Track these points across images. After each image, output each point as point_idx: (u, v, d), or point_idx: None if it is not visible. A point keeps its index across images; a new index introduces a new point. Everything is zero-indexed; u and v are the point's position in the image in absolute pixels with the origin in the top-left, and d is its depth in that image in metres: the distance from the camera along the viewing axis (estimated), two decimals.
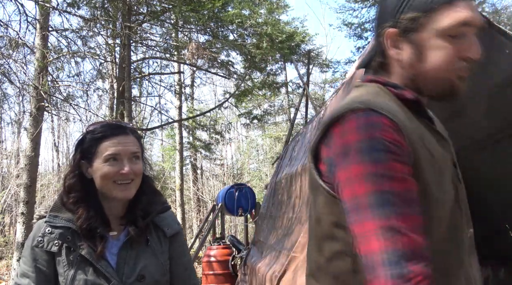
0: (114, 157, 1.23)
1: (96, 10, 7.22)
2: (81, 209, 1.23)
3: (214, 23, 7.92)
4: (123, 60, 7.70)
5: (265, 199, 4.87)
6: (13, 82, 6.86)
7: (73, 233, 1.21)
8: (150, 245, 1.29)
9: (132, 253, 1.26)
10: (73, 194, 1.25)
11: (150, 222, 1.32)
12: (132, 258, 1.25)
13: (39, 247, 1.19)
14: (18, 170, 12.25)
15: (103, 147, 1.24)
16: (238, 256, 6.00)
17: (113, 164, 1.23)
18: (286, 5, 10.98)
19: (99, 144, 1.25)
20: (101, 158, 1.23)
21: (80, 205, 1.23)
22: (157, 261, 1.30)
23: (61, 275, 1.19)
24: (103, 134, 1.26)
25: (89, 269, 1.19)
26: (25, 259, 1.20)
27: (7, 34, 6.26)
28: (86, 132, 1.31)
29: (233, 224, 15.63)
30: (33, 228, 1.24)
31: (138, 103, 13.05)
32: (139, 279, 1.24)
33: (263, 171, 17.79)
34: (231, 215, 7.61)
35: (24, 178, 6.04)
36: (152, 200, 1.34)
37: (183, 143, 13.37)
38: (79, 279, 1.18)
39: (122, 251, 1.25)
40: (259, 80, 10.36)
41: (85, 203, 1.24)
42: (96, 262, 1.19)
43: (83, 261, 1.19)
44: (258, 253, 3.96)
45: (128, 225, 1.28)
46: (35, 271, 1.18)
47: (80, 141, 1.30)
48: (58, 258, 1.19)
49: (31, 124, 6.16)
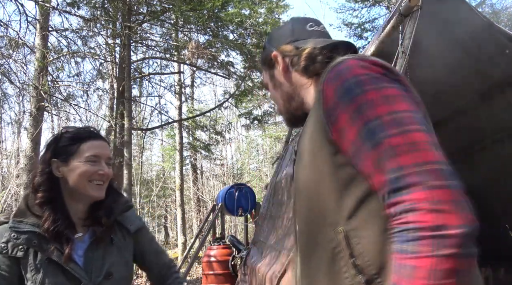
0: (95, 158, 1.29)
1: (96, 10, 7.22)
2: (48, 211, 1.24)
3: (214, 23, 7.93)
4: (123, 60, 7.70)
5: (265, 199, 4.87)
6: (13, 82, 6.87)
7: (39, 237, 1.21)
8: (114, 243, 1.35)
9: (98, 253, 1.30)
10: (40, 194, 1.26)
11: (114, 221, 1.37)
12: (99, 257, 1.29)
13: (3, 253, 1.18)
14: (18, 170, 12.25)
15: (85, 147, 1.29)
16: (238, 256, 6.00)
17: (93, 164, 1.29)
18: (286, 5, 10.96)
19: (81, 144, 1.30)
20: (81, 158, 1.28)
21: (47, 207, 1.24)
22: (123, 258, 1.35)
23: (28, 279, 1.18)
24: (86, 135, 1.32)
25: (57, 272, 1.20)
26: None
27: (7, 34, 6.27)
28: (63, 132, 1.34)
29: (233, 224, 15.63)
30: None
31: (138, 103, 13.06)
32: (107, 277, 1.28)
33: (263, 171, 17.78)
34: (231, 215, 7.61)
35: (24, 178, 6.04)
36: (115, 200, 1.39)
37: (183, 143, 13.38)
38: (48, 283, 1.18)
39: (88, 251, 1.29)
40: (259, 80, 10.36)
41: (52, 204, 1.25)
42: (65, 264, 1.21)
43: (51, 264, 1.20)
44: (258, 253, 3.96)
45: (92, 226, 1.32)
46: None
47: (54, 140, 1.33)
48: (24, 263, 1.19)
49: (31, 124, 6.17)
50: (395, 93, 0.75)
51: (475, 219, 0.64)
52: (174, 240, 16.56)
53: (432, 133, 0.73)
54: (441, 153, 0.70)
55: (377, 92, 0.75)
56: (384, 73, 0.79)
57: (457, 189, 0.65)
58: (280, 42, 1.06)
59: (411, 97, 0.78)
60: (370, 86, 0.76)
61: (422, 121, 0.74)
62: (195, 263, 9.03)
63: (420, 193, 0.65)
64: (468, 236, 0.62)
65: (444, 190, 0.64)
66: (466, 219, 0.63)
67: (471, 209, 0.65)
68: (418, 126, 0.71)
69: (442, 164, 0.68)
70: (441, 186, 0.65)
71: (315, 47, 0.99)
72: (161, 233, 18.81)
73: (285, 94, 1.04)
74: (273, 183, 4.48)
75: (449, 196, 0.64)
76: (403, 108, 0.73)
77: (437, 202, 0.63)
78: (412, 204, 0.65)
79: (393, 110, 0.73)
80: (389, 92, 0.75)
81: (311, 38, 1.02)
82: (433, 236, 0.62)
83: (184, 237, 11.69)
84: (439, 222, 0.62)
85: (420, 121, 0.73)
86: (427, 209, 0.63)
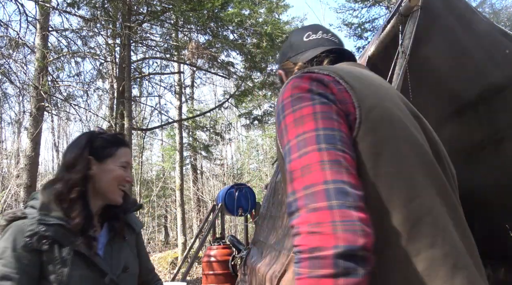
0: (126, 164, 1.37)
1: (96, 10, 7.22)
2: (80, 207, 1.26)
3: (214, 23, 7.92)
4: (123, 60, 7.70)
5: (265, 199, 4.87)
6: (13, 82, 6.86)
7: (65, 230, 1.22)
8: (126, 240, 1.42)
9: (115, 247, 1.36)
10: (76, 190, 1.27)
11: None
12: (116, 251, 1.35)
13: (27, 247, 1.17)
14: (18, 170, 12.24)
15: (121, 153, 1.36)
16: (238, 256, 6.00)
17: (124, 170, 1.36)
18: (286, 5, 10.96)
19: (118, 148, 1.36)
20: (117, 162, 1.34)
21: (79, 203, 1.27)
22: (133, 254, 1.44)
23: (53, 272, 1.18)
24: (122, 141, 1.40)
25: (83, 265, 1.22)
26: (5, 262, 1.16)
27: (7, 34, 6.26)
28: (98, 133, 1.39)
29: (233, 224, 15.62)
30: (7, 230, 1.21)
31: (138, 103, 13.06)
32: (124, 270, 1.34)
33: (263, 171, 17.78)
34: (231, 215, 7.61)
35: (24, 178, 6.04)
36: (125, 200, 1.44)
37: (183, 143, 13.37)
38: (75, 275, 1.19)
39: (107, 246, 1.34)
40: (259, 80, 10.36)
41: (83, 200, 1.28)
42: (92, 256, 1.24)
43: (76, 257, 1.22)
44: (258, 253, 3.96)
45: (108, 221, 1.38)
46: (19, 273, 1.16)
47: (89, 139, 1.35)
48: (48, 257, 1.19)
49: (31, 124, 6.16)
50: (308, 112, 0.77)
51: (358, 239, 0.63)
52: (174, 240, 16.56)
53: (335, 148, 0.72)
54: (336, 170, 0.69)
55: (292, 116, 0.78)
56: (309, 89, 0.80)
57: (340, 208, 0.65)
58: (283, 59, 1.11)
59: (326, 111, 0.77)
60: (288, 110, 0.79)
61: (326, 137, 0.73)
62: (195, 263, 9.03)
63: (302, 217, 0.66)
64: (344, 256, 0.62)
65: (323, 211, 0.65)
66: (342, 240, 0.62)
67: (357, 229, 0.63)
68: (315, 146, 0.72)
69: (331, 183, 0.67)
70: (320, 208, 0.65)
71: (303, 62, 1.03)
72: (161, 233, 18.79)
73: None
74: (273, 183, 4.48)
75: (327, 217, 0.64)
76: (308, 128, 0.74)
77: (314, 224, 0.64)
78: (297, 228, 0.67)
79: (299, 133, 0.75)
80: (303, 112, 0.77)
81: (307, 50, 1.06)
82: (309, 258, 0.63)
83: (184, 237, 11.69)
84: (314, 244, 0.63)
85: (322, 138, 0.73)
86: (306, 232, 0.65)
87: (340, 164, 0.70)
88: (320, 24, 1.16)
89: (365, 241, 0.63)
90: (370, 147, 0.77)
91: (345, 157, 0.72)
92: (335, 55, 1.04)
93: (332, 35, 1.11)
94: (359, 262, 0.62)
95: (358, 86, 0.82)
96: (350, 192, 0.67)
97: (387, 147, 0.78)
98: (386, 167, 0.76)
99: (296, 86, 0.82)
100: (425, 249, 0.73)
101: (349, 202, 0.66)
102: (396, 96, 0.91)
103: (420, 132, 0.87)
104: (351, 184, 0.68)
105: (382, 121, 0.79)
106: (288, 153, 0.75)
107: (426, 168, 0.80)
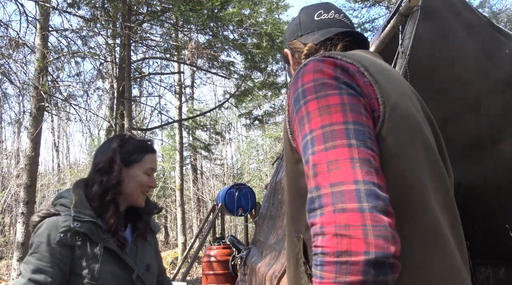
0: (152, 171, 1.42)
1: (96, 10, 7.22)
2: (114, 208, 1.33)
3: (214, 23, 7.92)
4: (123, 60, 7.70)
5: (265, 199, 4.87)
6: (13, 82, 6.87)
7: (97, 227, 1.29)
8: (148, 240, 1.47)
9: (139, 246, 1.42)
10: (112, 192, 1.34)
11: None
12: (140, 250, 1.41)
13: (62, 242, 1.23)
14: (18, 170, 12.25)
15: (148, 159, 1.41)
16: (238, 256, 6.00)
17: (149, 176, 1.41)
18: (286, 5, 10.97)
19: (145, 154, 1.41)
20: (143, 168, 1.39)
21: (113, 205, 1.34)
22: (153, 253, 1.49)
23: (84, 268, 1.24)
24: (149, 148, 1.43)
25: (112, 261, 1.28)
26: (39, 256, 1.21)
27: (7, 34, 6.27)
28: (128, 138, 1.43)
29: (233, 224, 15.63)
30: (40, 226, 1.26)
31: (138, 103, 13.07)
32: (147, 268, 1.40)
33: (263, 171, 17.78)
34: (231, 215, 7.61)
35: (24, 178, 6.04)
36: (147, 203, 1.50)
37: (183, 143, 13.37)
38: (105, 271, 1.25)
39: (132, 244, 1.40)
40: (260, 80, 10.36)
41: (116, 203, 1.35)
42: (121, 253, 1.31)
43: (107, 253, 1.28)
44: (258, 253, 3.96)
45: (131, 223, 1.44)
46: (53, 267, 1.21)
47: (119, 144, 1.39)
48: (79, 252, 1.25)
49: (31, 124, 6.16)
50: (335, 101, 0.71)
51: (388, 245, 0.59)
52: (174, 240, 16.56)
53: (366, 146, 0.67)
54: (367, 170, 0.65)
55: (316, 103, 0.72)
56: (334, 76, 0.75)
57: (371, 212, 0.60)
58: (290, 37, 1.02)
59: (355, 103, 0.72)
60: (311, 96, 0.73)
61: (355, 132, 0.68)
62: (195, 263, 9.03)
63: (328, 216, 0.62)
64: (375, 263, 0.58)
65: (353, 213, 0.60)
66: (373, 246, 0.58)
67: (388, 235, 0.60)
68: (345, 141, 0.67)
69: (361, 183, 0.63)
70: (350, 209, 0.61)
71: (315, 43, 0.95)
72: (161, 233, 18.79)
73: None
74: (273, 183, 4.48)
75: (358, 221, 0.60)
76: (336, 119, 0.69)
77: (343, 226, 0.60)
78: (321, 228, 0.62)
79: (325, 123, 0.69)
80: (329, 101, 0.71)
81: (318, 30, 0.97)
82: (336, 262, 0.59)
83: (184, 237, 11.68)
84: (343, 248, 0.59)
85: (351, 133, 0.68)
86: (333, 234, 0.60)
87: (370, 163, 0.66)
88: (332, 3, 1.06)
89: (396, 248, 0.60)
90: (391, 148, 0.73)
91: (374, 157, 0.68)
92: (349, 39, 0.96)
93: (344, 16, 1.04)
94: (389, 270, 0.59)
95: (382, 80, 0.77)
96: (380, 195, 0.63)
97: (408, 151, 0.74)
98: (406, 171, 0.73)
99: (319, 70, 0.76)
100: (437, 259, 0.71)
101: (380, 205, 0.61)
102: (411, 92, 0.87)
103: (430, 133, 0.84)
104: (381, 187, 0.64)
105: (403, 123, 0.76)
106: (311, 144, 0.69)
107: (435, 171, 0.79)
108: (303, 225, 0.78)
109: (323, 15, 1.00)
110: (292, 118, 0.77)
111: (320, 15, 1.00)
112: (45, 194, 14.08)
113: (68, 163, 19.54)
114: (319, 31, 0.97)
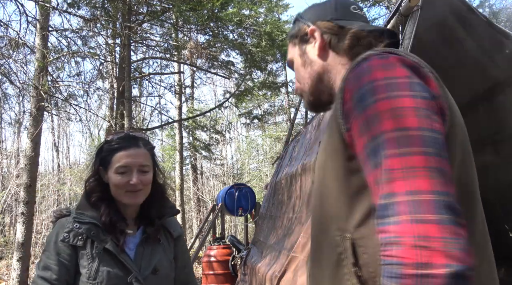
0: (125, 169, 1.36)
1: (96, 10, 7.22)
2: (104, 207, 1.36)
3: (214, 23, 7.93)
4: (123, 60, 7.70)
5: (265, 199, 4.87)
6: (13, 82, 6.87)
7: (97, 228, 1.33)
8: (161, 243, 1.46)
9: (147, 249, 1.41)
10: (94, 196, 1.39)
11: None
12: (148, 253, 1.40)
13: (65, 241, 1.30)
14: (18, 170, 12.25)
15: (116, 158, 1.38)
16: (238, 256, 6.00)
17: (123, 175, 1.36)
18: (286, 4, 10.97)
19: (113, 155, 1.38)
20: (113, 169, 1.37)
21: (102, 204, 1.37)
22: (167, 257, 1.46)
23: (84, 267, 1.29)
24: (117, 145, 1.40)
25: (111, 262, 1.31)
26: (48, 254, 1.30)
27: (7, 34, 6.26)
28: (105, 142, 1.45)
29: (233, 224, 15.63)
30: (54, 226, 1.36)
31: (138, 103, 13.06)
32: (153, 272, 1.38)
33: (263, 171, 17.78)
34: (231, 215, 7.61)
35: (24, 178, 6.04)
36: (163, 204, 1.50)
37: (183, 143, 13.37)
38: (102, 271, 1.28)
39: (139, 247, 1.40)
40: (259, 80, 10.36)
41: (106, 202, 1.38)
42: (118, 254, 1.32)
43: (106, 254, 1.31)
44: (258, 253, 3.96)
45: (143, 225, 1.44)
46: (58, 264, 1.28)
47: (100, 150, 1.44)
48: (81, 252, 1.30)
49: (31, 124, 6.16)
50: (409, 104, 0.68)
51: (467, 258, 0.59)
52: None
53: (440, 156, 0.66)
54: (443, 181, 0.63)
55: (389, 103, 0.69)
56: (408, 75, 0.72)
57: (450, 224, 0.60)
58: (319, 17, 0.97)
59: (430, 106, 0.70)
60: (383, 95, 0.70)
61: (431, 140, 0.66)
62: (195, 263, 9.03)
63: (406, 226, 0.60)
64: (456, 276, 0.57)
65: (433, 225, 0.59)
66: (454, 258, 0.58)
67: (466, 248, 0.59)
68: (422, 148, 0.65)
69: (439, 194, 0.62)
70: (429, 220, 0.60)
71: (363, 30, 0.91)
72: None
73: (315, 74, 0.96)
74: (273, 183, 4.48)
75: (437, 232, 0.59)
76: (411, 124, 0.66)
77: (422, 238, 0.59)
78: (397, 237, 0.61)
79: (399, 127, 0.67)
80: (403, 103, 0.68)
81: (355, 21, 0.95)
82: (416, 275, 0.58)
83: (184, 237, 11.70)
84: (424, 260, 0.58)
85: (427, 140, 0.66)
86: (412, 245, 0.59)
87: (446, 174, 0.64)
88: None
89: (473, 261, 0.59)
90: (457, 154, 0.72)
91: (449, 167, 0.66)
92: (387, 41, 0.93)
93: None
94: (468, 282, 0.58)
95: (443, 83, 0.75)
96: (457, 207, 0.62)
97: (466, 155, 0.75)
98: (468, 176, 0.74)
99: (390, 68, 0.73)
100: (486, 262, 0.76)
101: (457, 218, 0.61)
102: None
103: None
104: (456, 199, 0.63)
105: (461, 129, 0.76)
106: (382, 146, 0.67)
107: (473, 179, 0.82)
108: (351, 224, 0.76)
109: (358, 10, 0.99)
110: (351, 114, 0.74)
111: (355, 9, 0.98)
112: (45, 194, 14.07)
113: (68, 163, 19.54)
114: (358, 22, 0.94)
